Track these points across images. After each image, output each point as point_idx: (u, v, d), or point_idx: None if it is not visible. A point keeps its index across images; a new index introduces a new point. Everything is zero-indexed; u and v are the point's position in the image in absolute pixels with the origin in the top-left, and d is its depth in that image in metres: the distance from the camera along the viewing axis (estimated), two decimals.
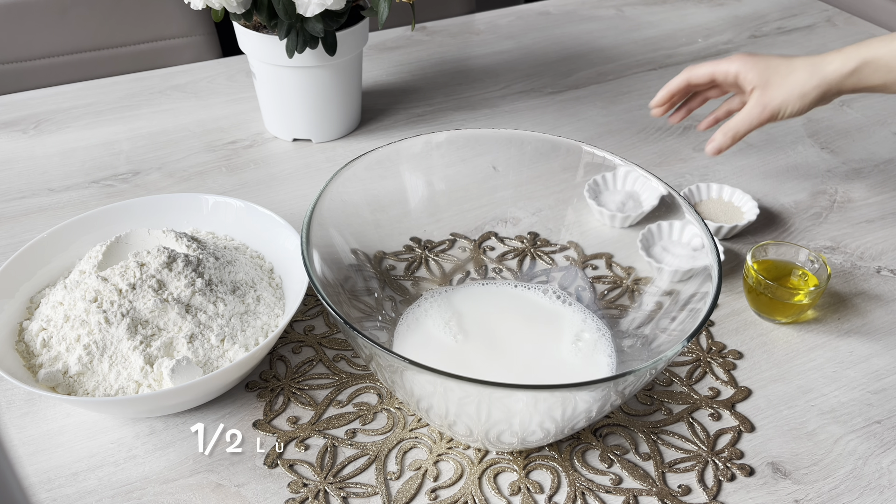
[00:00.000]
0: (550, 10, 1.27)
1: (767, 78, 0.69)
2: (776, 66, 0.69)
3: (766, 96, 0.69)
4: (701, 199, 0.81)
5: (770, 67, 0.70)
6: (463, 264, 0.72)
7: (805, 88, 0.68)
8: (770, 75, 0.69)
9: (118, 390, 0.57)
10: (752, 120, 0.70)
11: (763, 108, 0.69)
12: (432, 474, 0.56)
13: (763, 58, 0.71)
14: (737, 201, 0.80)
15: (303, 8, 0.76)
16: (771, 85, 0.69)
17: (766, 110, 0.69)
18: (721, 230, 0.76)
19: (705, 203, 0.81)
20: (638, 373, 0.47)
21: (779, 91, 0.69)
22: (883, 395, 0.63)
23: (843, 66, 0.67)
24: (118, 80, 1.05)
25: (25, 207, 0.82)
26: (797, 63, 0.69)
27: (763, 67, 0.70)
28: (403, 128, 0.96)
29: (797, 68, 0.69)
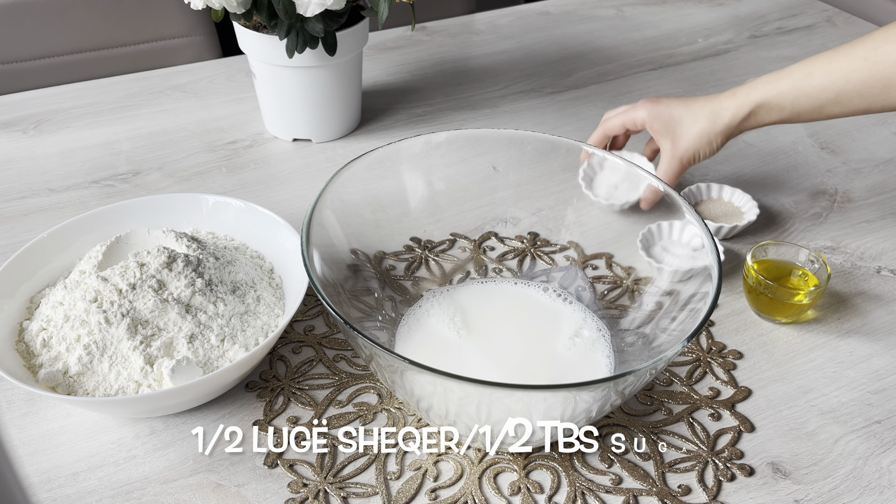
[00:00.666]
0: (550, 10, 1.27)
1: (674, 130, 0.75)
2: (680, 118, 0.74)
3: (678, 148, 0.75)
4: (701, 199, 0.81)
5: (674, 119, 0.75)
6: (463, 264, 0.72)
7: (710, 136, 0.74)
8: (675, 127, 0.75)
9: (118, 390, 0.57)
10: (672, 173, 0.75)
11: (679, 161, 0.75)
12: (432, 474, 0.56)
13: (667, 107, 0.75)
14: (737, 201, 0.80)
15: (303, 8, 0.76)
16: (679, 137, 0.74)
17: (681, 163, 0.75)
18: (721, 230, 0.76)
19: (705, 203, 0.81)
20: (638, 373, 0.47)
21: (687, 142, 0.74)
22: (883, 395, 0.63)
23: (738, 112, 0.72)
24: (118, 80, 1.05)
25: (25, 207, 0.82)
26: (698, 111, 0.74)
27: (667, 119, 0.75)
28: (403, 128, 0.96)
29: (699, 117, 0.74)
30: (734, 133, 0.73)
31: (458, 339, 0.62)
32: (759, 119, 0.72)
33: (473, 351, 0.62)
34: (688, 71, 1.10)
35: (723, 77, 1.08)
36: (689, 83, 1.07)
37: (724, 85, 1.07)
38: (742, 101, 0.72)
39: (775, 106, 0.71)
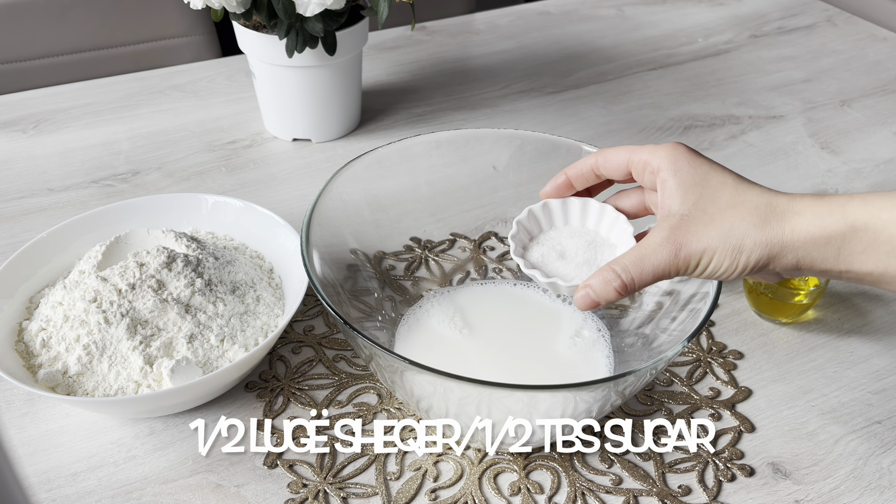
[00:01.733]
0: (550, 10, 1.27)
1: (695, 201, 0.43)
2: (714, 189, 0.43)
3: (685, 233, 0.43)
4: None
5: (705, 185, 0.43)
6: (463, 264, 0.72)
7: (745, 242, 0.42)
8: (699, 199, 0.43)
9: (118, 390, 0.57)
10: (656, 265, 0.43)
11: (676, 249, 0.43)
12: (432, 474, 0.56)
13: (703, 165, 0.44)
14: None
15: (303, 8, 0.76)
16: (696, 217, 0.43)
17: (679, 254, 0.43)
18: None
19: None
20: (638, 373, 0.47)
21: (704, 232, 0.43)
22: (883, 395, 0.63)
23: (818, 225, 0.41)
24: (118, 79, 1.05)
25: (25, 207, 0.82)
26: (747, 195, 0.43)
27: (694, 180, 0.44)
28: (403, 128, 0.96)
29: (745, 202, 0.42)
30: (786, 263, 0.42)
31: (458, 340, 0.62)
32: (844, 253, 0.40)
33: (473, 351, 0.62)
34: (688, 71, 1.10)
35: (723, 77, 1.08)
36: (689, 83, 1.07)
37: (725, 85, 1.07)
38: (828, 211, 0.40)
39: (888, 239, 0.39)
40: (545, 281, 0.49)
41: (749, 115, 1.00)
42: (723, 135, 0.96)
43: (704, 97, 1.04)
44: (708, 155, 0.92)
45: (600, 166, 0.49)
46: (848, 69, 1.11)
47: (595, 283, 0.44)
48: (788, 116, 1.00)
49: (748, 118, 0.99)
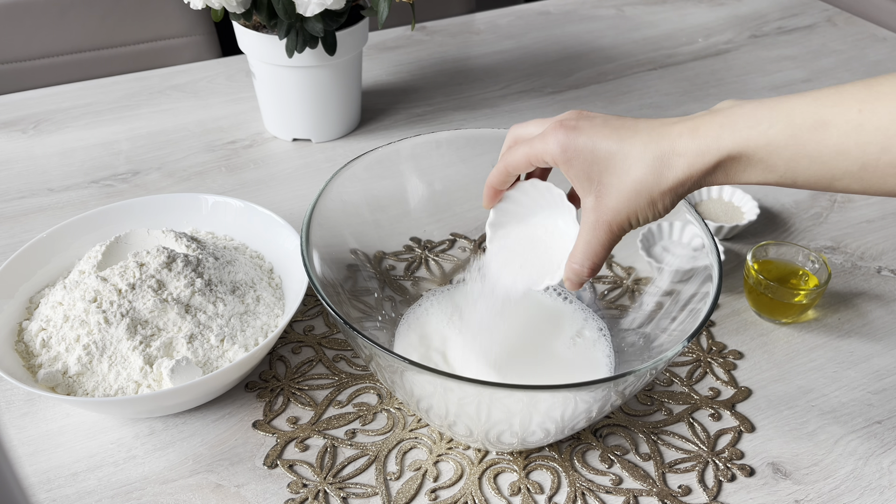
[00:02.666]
0: (550, 10, 1.27)
1: (599, 179, 0.48)
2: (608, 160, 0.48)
3: (604, 208, 0.48)
4: (701, 199, 0.81)
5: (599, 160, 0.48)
6: (463, 264, 0.72)
7: (652, 194, 0.47)
8: (601, 174, 0.48)
9: (118, 390, 0.57)
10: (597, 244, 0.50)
11: (606, 227, 0.49)
12: (432, 474, 0.56)
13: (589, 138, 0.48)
14: (737, 201, 0.80)
15: (303, 8, 0.76)
16: (606, 190, 0.48)
17: (610, 230, 0.49)
18: (721, 230, 0.76)
19: (705, 203, 0.81)
20: (638, 373, 0.47)
21: (617, 200, 0.48)
22: (883, 395, 0.63)
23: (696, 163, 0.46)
24: (118, 80, 1.05)
25: (25, 207, 0.82)
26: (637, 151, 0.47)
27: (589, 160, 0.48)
28: (403, 128, 0.96)
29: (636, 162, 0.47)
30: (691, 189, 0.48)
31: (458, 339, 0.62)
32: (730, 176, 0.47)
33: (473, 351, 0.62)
34: (688, 71, 1.10)
35: (723, 77, 1.08)
36: (689, 83, 1.07)
37: (725, 85, 1.07)
38: (706, 147, 0.46)
39: (759, 162, 0.45)
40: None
41: None
42: None
43: (704, 97, 1.04)
44: None
45: (509, 170, 0.52)
46: (848, 69, 1.11)
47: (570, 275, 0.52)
48: None
49: None
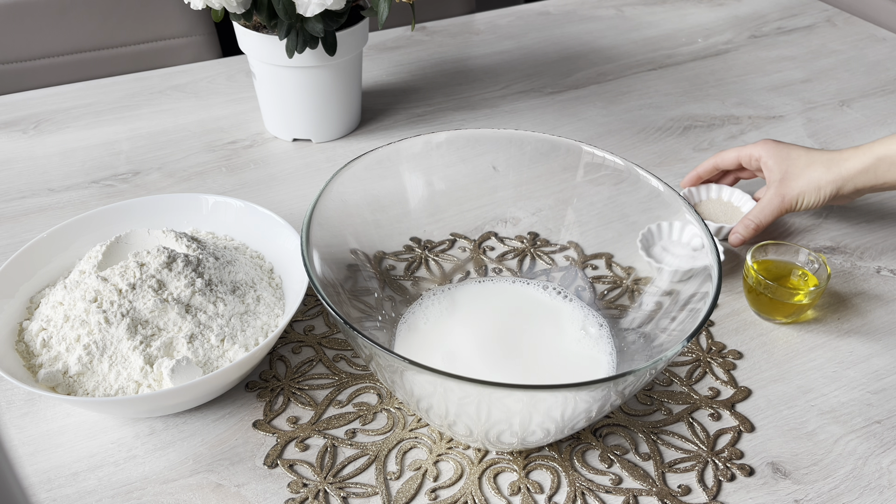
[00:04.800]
0: (550, 10, 1.27)
1: (786, 169, 0.72)
2: (796, 159, 0.72)
3: (785, 187, 0.72)
4: (701, 199, 0.81)
5: (790, 158, 0.72)
6: (463, 264, 0.72)
7: (821, 183, 0.70)
8: (789, 167, 0.72)
9: (118, 390, 0.57)
10: (772, 210, 0.72)
11: (782, 198, 0.72)
12: (432, 474, 0.56)
13: (785, 148, 0.73)
14: (736, 201, 0.80)
15: (303, 8, 0.76)
16: (789, 175, 0.72)
17: (784, 201, 0.72)
18: (721, 230, 0.76)
19: (705, 203, 0.81)
20: (638, 373, 0.47)
21: (796, 183, 0.71)
22: (883, 395, 0.63)
23: (856, 164, 0.69)
24: (118, 80, 1.05)
25: (25, 207, 0.82)
26: (816, 157, 0.72)
27: (783, 156, 0.73)
28: (403, 128, 0.96)
29: (815, 162, 0.71)
30: (847, 187, 0.70)
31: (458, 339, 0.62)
32: (878, 175, 0.69)
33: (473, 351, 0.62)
34: (688, 71, 1.10)
35: (723, 77, 1.08)
36: (689, 83, 1.07)
37: (725, 85, 1.07)
38: (863, 152, 0.69)
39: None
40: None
41: (749, 115, 1.00)
42: (722, 135, 0.96)
43: (704, 97, 1.04)
44: (708, 155, 0.92)
45: (718, 164, 0.79)
46: (847, 69, 1.11)
47: (739, 228, 0.74)
48: (788, 117, 1.00)
49: (748, 118, 0.99)
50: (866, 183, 0.70)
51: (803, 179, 0.71)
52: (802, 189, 0.71)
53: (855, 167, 0.69)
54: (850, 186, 0.70)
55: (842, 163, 0.70)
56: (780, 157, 0.73)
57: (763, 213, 0.73)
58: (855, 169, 0.69)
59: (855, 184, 0.70)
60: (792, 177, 0.72)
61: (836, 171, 0.70)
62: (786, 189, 0.72)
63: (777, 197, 0.72)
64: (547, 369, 0.61)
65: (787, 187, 0.72)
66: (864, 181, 0.69)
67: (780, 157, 0.73)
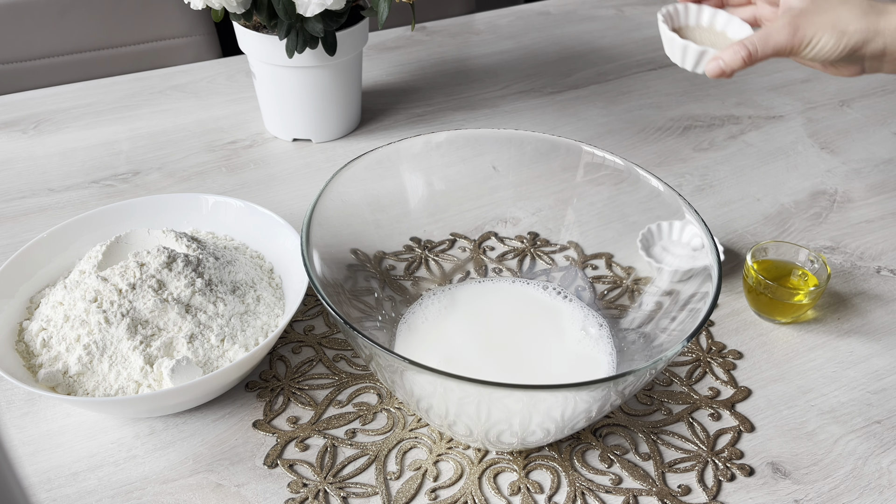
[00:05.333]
0: (550, 10, 1.27)
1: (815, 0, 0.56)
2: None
3: (801, 18, 0.55)
4: (686, 23, 0.65)
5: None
6: (463, 264, 0.72)
7: (849, 26, 0.55)
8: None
9: (118, 390, 0.57)
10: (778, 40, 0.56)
11: (794, 30, 0.55)
12: (432, 474, 0.56)
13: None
14: (733, 33, 0.64)
15: (303, 8, 0.76)
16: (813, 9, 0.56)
17: (796, 34, 0.55)
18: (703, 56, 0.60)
19: (690, 30, 0.65)
20: (638, 373, 0.47)
21: (819, 18, 0.55)
22: (883, 395, 0.63)
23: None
24: (118, 80, 1.05)
25: (25, 207, 0.82)
26: None
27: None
28: (403, 128, 0.96)
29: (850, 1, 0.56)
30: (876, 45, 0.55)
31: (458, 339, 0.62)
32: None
33: (473, 350, 0.62)
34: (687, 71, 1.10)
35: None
36: (688, 83, 1.07)
37: (724, 85, 1.07)
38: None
39: None
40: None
41: (748, 115, 1.00)
42: (722, 135, 0.96)
43: (704, 97, 1.04)
44: (708, 155, 0.92)
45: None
46: None
47: (725, 54, 0.56)
48: (788, 116, 1.00)
49: (748, 118, 0.99)
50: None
51: (830, 16, 0.55)
52: (823, 26, 0.55)
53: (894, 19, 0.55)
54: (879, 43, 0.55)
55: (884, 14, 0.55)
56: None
57: (763, 41, 0.56)
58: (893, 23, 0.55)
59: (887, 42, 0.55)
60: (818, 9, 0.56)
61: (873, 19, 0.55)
62: (805, 21, 0.55)
63: (789, 27, 0.56)
64: (547, 369, 0.61)
65: (804, 20, 0.55)
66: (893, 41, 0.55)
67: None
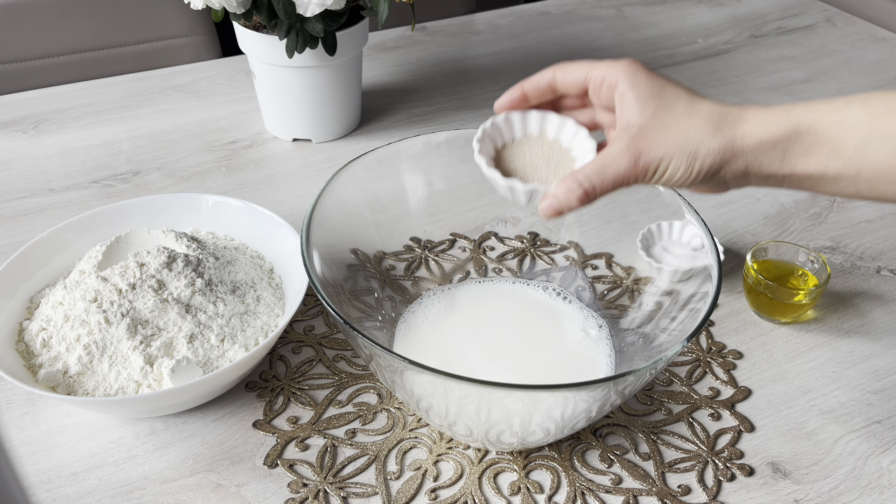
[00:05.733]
0: (550, 10, 1.27)
1: (653, 112, 0.44)
2: (671, 99, 0.45)
3: (643, 142, 0.44)
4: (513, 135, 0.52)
5: (662, 97, 0.45)
6: (463, 264, 0.72)
7: (700, 148, 0.43)
8: (657, 109, 0.44)
9: (118, 390, 0.57)
10: (617, 173, 0.44)
11: (635, 159, 0.44)
12: (432, 474, 0.56)
13: (658, 79, 0.46)
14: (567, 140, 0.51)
15: (303, 8, 0.76)
16: (654, 126, 0.44)
17: (638, 164, 0.44)
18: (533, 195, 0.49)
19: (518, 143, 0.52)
20: (638, 373, 0.47)
21: (663, 139, 0.44)
22: (883, 394, 0.63)
23: (761, 130, 0.43)
24: (118, 80, 1.05)
25: (25, 207, 0.82)
26: (702, 105, 0.44)
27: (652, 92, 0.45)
28: (403, 128, 0.96)
29: (699, 112, 0.44)
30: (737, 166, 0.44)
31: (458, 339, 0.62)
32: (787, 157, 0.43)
33: (473, 350, 0.62)
34: (688, 71, 1.10)
35: (723, 77, 1.08)
36: (689, 83, 1.06)
37: (725, 85, 1.07)
38: (774, 116, 0.43)
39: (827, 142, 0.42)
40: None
41: None
42: None
43: None
44: None
45: (558, 80, 0.49)
46: (847, 69, 1.11)
47: (559, 191, 0.46)
48: None
49: None
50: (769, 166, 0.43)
51: (674, 136, 0.44)
52: (669, 150, 0.44)
53: (758, 136, 0.43)
54: (740, 164, 0.44)
55: (740, 123, 0.43)
56: (646, 92, 0.45)
57: (600, 175, 0.44)
58: (757, 138, 0.43)
59: (749, 162, 0.44)
60: (658, 127, 0.44)
61: (728, 135, 0.43)
62: (645, 145, 0.44)
63: (628, 154, 0.44)
64: (547, 369, 0.61)
65: (647, 142, 0.44)
66: (767, 162, 0.43)
67: (647, 90, 0.45)
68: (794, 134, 0.42)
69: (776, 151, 0.43)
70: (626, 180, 0.45)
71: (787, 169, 0.43)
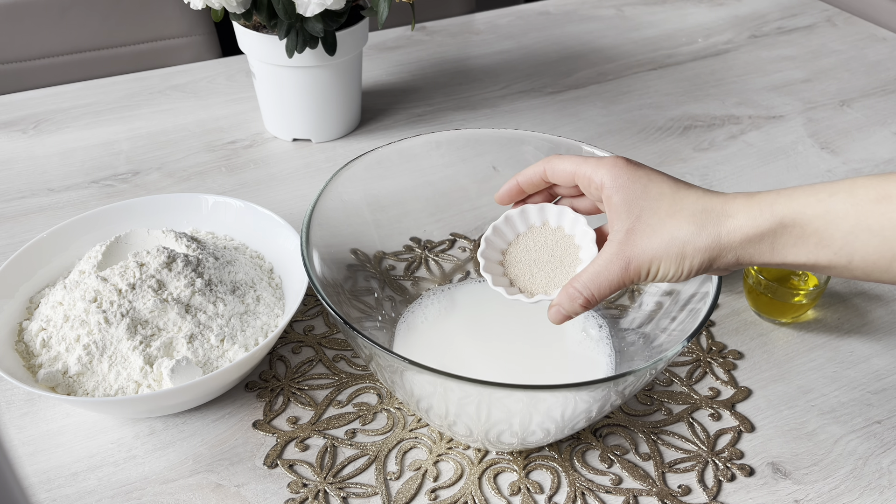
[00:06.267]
0: (550, 10, 1.27)
1: (639, 214, 0.46)
2: (655, 199, 0.46)
3: (632, 246, 0.46)
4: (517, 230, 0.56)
5: (646, 198, 0.46)
6: (463, 264, 0.72)
7: (687, 248, 0.45)
8: (642, 212, 0.46)
9: (118, 390, 0.57)
10: (611, 279, 0.47)
11: (625, 265, 0.46)
12: (432, 474, 0.56)
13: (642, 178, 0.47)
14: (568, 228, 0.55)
15: (303, 8, 0.76)
16: (641, 229, 0.46)
17: (628, 269, 0.46)
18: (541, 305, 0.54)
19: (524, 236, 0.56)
20: (638, 373, 0.47)
21: (650, 242, 0.46)
22: (883, 395, 0.63)
23: (748, 226, 0.44)
24: (118, 80, 1.05)
25: (25, 207, 0.82)
26: (686, 202, 0.46)
27: (637, 194, 0.46)
28: (403, 128, 0.96)
29: (682, 211, 0.45)
30: (727, 259, 0.45)
31: (458, 339, 0.62)
32: (776, 248, 0.44)
33: (473, 350, 0.62)
34: (688, 71, 1.10)
35: (723, 77, 1.08)
36: (689, 83, 1.07)
37: (725, 85, 1.07)
38: (758, 211, 0.44)
39: (814, 234, 0.43)
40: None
41: (749, 115, 1.00)
42: (723, 135, 0.96)
43: (704, 97, 1.04)
44: (708, 155, 0.92)
45: (548, 173, 0.51)
46: (848, 69, 1.11)
47: (563, 300, 0.49)
48: (788, 116, 1.00)
49: (748, 118, 0.99)
50: (759, 257, 0.45)
51: (660, 237, 0.46)
52: (657, 253, 0.46)
53: (743, 231, 0.44)
54: (730, 257, 0.45)
55: (724, 219, 0.45)
56: (631, 194, 0.47)
57: (596, 283, 0.47)
58: (743, 234, 0.44)
59: (739, 255, 0.45)
60: (645, 230, 0.46)
61: (713, 233, 0.45)
62: (633, 250, 0.46)
63: (619, 261, 0.46)
64: (547, 369, 0.61)
65: (634, 247, 0.46)
66: (758, 254, 0.45)
67: (631, 193, 0.47)
68: (780, 227, 0.43)
69: (764, 244, 0.44)
70: (621, 285, 0.47)
71: (779, 259, 0.44)
